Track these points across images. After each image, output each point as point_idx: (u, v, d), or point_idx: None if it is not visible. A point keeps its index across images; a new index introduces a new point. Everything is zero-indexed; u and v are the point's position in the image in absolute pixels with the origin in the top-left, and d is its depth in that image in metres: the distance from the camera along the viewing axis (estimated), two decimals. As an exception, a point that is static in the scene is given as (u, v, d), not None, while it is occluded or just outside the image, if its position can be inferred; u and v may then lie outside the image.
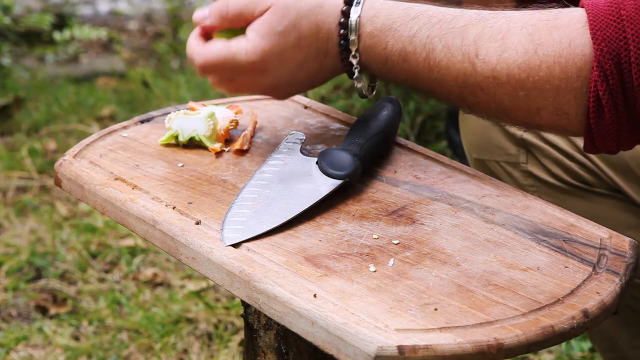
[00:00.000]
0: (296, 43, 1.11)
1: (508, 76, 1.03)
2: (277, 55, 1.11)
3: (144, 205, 1.07)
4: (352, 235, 1.02)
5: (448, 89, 1.08)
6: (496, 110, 1.07)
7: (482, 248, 1.01)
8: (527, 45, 1.03)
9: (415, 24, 1.08)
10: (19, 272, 2.33)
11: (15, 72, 3.81)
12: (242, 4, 1.12)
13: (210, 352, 2.02)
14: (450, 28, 1.07)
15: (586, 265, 0.99)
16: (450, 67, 1.06)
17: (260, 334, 1.07)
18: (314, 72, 1.14)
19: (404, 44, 1.08)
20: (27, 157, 2.93)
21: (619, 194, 1.38)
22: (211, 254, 0.99)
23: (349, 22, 1.10)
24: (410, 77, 1.10)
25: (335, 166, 1.10)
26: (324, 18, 1.11)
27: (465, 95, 1.08)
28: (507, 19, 1.06)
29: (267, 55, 1.11)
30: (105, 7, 4.99)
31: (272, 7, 1.10)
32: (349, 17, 1.10)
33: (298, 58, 1.12)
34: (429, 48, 1.07)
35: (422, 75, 1.09)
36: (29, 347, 2.04)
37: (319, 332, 0.89)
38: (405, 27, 1.09)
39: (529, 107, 1.05)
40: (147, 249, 2.41)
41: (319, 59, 1.13)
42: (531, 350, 0.89)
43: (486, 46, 1.04)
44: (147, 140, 1.23)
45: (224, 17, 1.13)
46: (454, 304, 0.91)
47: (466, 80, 1.06)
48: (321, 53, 1.12)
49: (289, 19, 1.10)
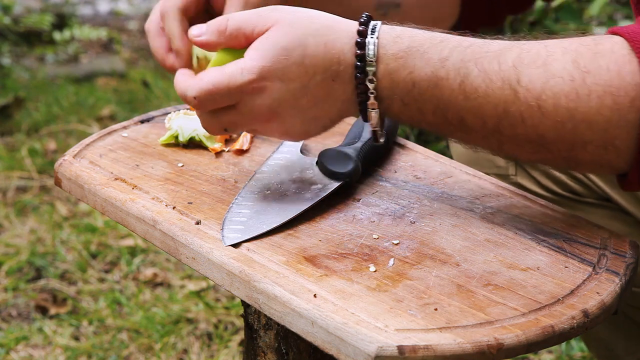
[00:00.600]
0: (300, 61, 0.98)
1: (555, 106, 0.95)
2: (277, 73, 0.98)
3: (144, 205, 1.07)
4: (352, 235, 1.02)
5: (483, 119, 0.98)
6: (536, 143, 0.98)
7: (482, 248, 1.01)
8: (573, 72, 0.95)
9: (444, 46, 0.99)
10: (19, 272, 2.33)
11: (15, 72, 3.81)
12: (242, 19, 1.01)
13: (210, 352, 2.02)
14: (484, 52, 0.98)
15: (586, 265, 0.99)
16: (489, 94, 0.97)
17: (260, 334, 1.07)
18: (321, 100, 1.00)
19: (434, 67, 0.98)
20: (27, 157, 2.93)
21: (609, 203, 1.38)
22: (211, 254, 0.99)
23: (367, 42, 0.98)
24: (441, 106, 0.99)
25: (335, 166, 1.10)
26: (335, 38, 0.99)
27: (503, 126, 0.98)
28: (543, 43, 0.98)
29: (267, 72, 0.98)
30: (105, 7, 4.99)
31: (276, 25, 0.99)
32: (367, 37, 0.99)
33: (302, 79, 0.99)
34: (463, 73, 0.97)
35: (456, 104, 0.98)
36: (29, 347, 2.04)
37: (319, 332, 0.89)
38: (435, 50, 0.98)
39: (575, 140, 0.96)
40: (147, 249, 2.41)
41: (327, 83, 0.99)
42: (531, 350, 0.89)
43: (528, 72, 0.96)
44: (147, 140, 1.23)
45: (221, 33, 1.02)
46: (454, 304, 0.91)
47: (507, 109, 0.96)
48: (329, 76, 0.99)
49: (294, 36, 0.98)
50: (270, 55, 0.98)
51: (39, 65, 4.05)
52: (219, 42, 1.02)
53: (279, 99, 0.99)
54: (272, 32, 0.99)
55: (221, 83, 0.99)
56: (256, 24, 1.00)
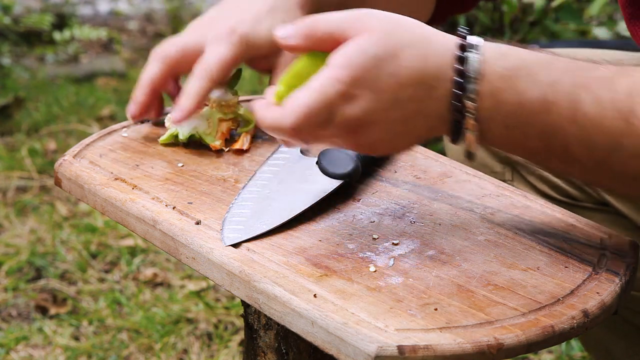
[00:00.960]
0: (393, 72, 0.91)
1: None
2: (368, 83, 0.91)
3: (144, 205, 1.07)
4: (352, 235, 1.02)
5: (591, 150, 0.92)
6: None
7: (482, 248, 1.01)
8: None
9: (553, 69, 0.92)
10: (19, 272, 2.33)
11: (15, 72, 3.81)
12: (334, 22, 0.93)
13: (210, 352, 2.02)
14: (595, 77, 0.92)
15: (586, 265, 0.99)
16: (600, 124, 0.90)
17: (260, 334, 1.07)
18: (411, 115, 0.93)
19: (544, 91, 0.91)
20: (27, 157, 2.93)
21: (607, 207, 1.37)
22: (211, 254, 0.99)
23: (469, 57, 0.91)
24: (548, 132, 0.92)
25: (335, 166, 1.10)
26: (433, 51, 0.92)
27: (612, 160, 0.92)
28: None
29: (357, 81, 0.90)
30: (105, 7, 4.99)
31: (370, 32, 0.92)
32: (468, 51, 0.92)
33: (394, 91, 0.91)
34: (574, 99, 0.91)
35: (563, 131, 0.92)
36: (29, 347, 2.04)
37: (319, 332, 0.89)
38: (544, 72, 0.92)
39: None
40: (147, 249, 2.41)
41: (420, 97, 0.92)
42: (531, 350, 0.89)
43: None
44: (147, 140, 1.23)
45: (309, 37, 0.94)
46: (454, 304, 0.91)
47: (620, 141, 0.90)
48: (423, 91, 0.92)
49: (389, 45, 0.91)
50: (361, 64, 0.91)
51: (39, 65, 4.05)
52: (306, 46, 0.95)
53: (368, 110, 0.92)
54: (364, 39, 0.91)
55: (316, 102, 0.91)
56: (348, 28, 0.93)
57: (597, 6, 2.62)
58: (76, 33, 3.91)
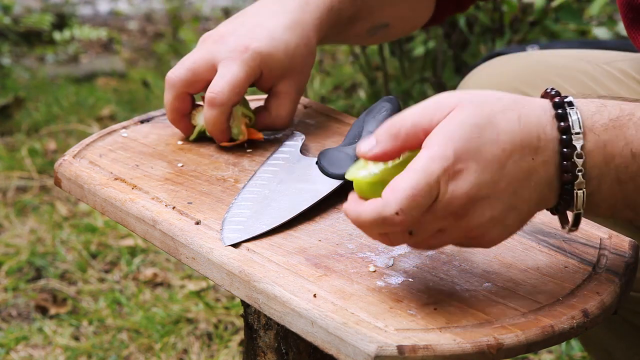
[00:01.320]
0: (494, 139, 0.86)
1: None
2: (471, 153, 0.85)
3: (144, 205, 1.07)
4: (352, 235, 1.02)
5: None
6: None
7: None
8: None
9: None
10: (19, 272, 2.33)
11: (15, 72, 3.81)
12: (416, 114, 0.88)
13: (210, 352, 2.02)
14: None
15: (586, 265, 0.99)
16: None
17: (260, 334, 1.07)
18: (520, 183, 0.87)
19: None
20: (27, 157, 2.93)
21: None
22: (211, 254, 0.99)
23: (568, 113, 0.87)
24: None
25: (335, 166, 1.10)
26: (529, 111, 0.88)
27: None
28: None
29: (460, 153, 0.85)
30: (105, 7, 4.99)
31: (458, 106, 0.87)
32: (566, 108, 0.88)
33: (499, 159, 0.86)
34: None
35: None
36: (29, 347, 2.04)
37: (319, 332, 0.89)
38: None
39: None
40: (147, 249, 2.41)
41: (526, 162, 0.87)
42: (531, 350, 0.89)
43: None
44: (147, 140, 1.23)
45: (395, 137, 0.88)
46: (453, 303, 0.91)
47: None
48: (528, 154, 0.87)
49: (483, 113, 0.86)
50: (460, 135, 0.85)
51: (39, 65, 4.05)
52: (395, 148, 0.88)
53: (476, 184, 0.86)
54: (455, 114, 0.87)
55: (420, 182, 0.84)
56: (434, 112, 0.87)
57: (597, 6, 2.62)
58: (76, 33, 3.91)
